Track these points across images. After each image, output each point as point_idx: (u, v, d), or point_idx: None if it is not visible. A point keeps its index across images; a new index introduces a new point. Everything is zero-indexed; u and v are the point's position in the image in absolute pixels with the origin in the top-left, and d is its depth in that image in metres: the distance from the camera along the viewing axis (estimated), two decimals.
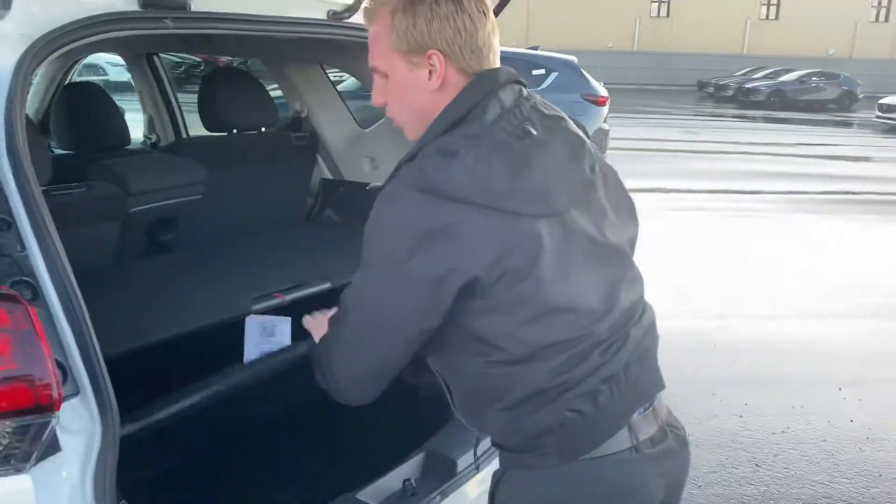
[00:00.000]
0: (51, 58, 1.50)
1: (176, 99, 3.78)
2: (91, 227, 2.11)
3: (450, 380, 1.40)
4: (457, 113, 1.27)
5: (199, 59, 9.51)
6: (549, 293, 1.25)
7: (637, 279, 1.42)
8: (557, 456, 1.30)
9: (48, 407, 1.13)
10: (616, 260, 1.38)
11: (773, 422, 3.96)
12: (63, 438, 1.23)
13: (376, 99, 1.39)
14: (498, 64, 1.35)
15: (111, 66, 8.11)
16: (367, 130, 2.95)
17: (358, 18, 2.17)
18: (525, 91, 1.36)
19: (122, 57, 4.01)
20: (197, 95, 2.62)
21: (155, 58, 3.72)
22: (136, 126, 3.86)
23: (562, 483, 1.32)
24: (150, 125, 3.79)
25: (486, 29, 1.30)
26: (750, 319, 5.51)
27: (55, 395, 1.12)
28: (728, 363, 4.69)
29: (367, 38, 1.37)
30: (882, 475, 3.49)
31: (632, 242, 1.45)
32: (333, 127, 3.00)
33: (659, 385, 1.41)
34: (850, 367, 4.72)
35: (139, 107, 3.97)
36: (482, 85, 1.29)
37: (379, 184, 1.29)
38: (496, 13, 1.95)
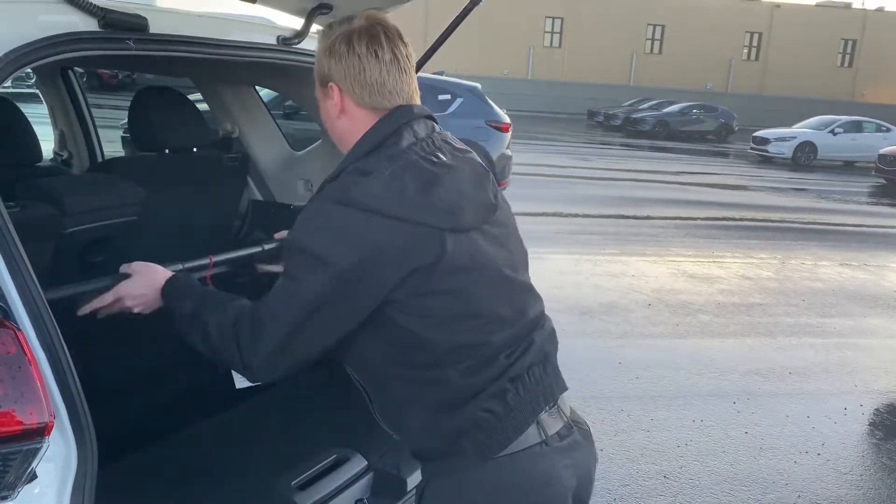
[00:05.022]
0: (10, 78, 1.47)
1: (91, 115, 3.64)
2: (24, 247, 2.02)
3: (370, 388, 1.50)
4: (374, 139, 1.42)
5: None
6: (456, 301, 1.40)
7: (535, 292, 1.58)
8: (478, 455, 1.42)
9: (37, 432, 1.10)
10: (521, 274, 1.55)
11: (677, 435, 4.21)
12: (38, 466, 1.20)
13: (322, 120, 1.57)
14: (414, 101, 1.50)
15: None
16: (300, 153, 2.96)
17: (305, 44, 2.21)
18: (437, 127, 1.53)
19: (32, 69, 3.83)
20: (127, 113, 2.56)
21: (70, 72, 3.58)
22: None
23: (486, 483, 1.43)
24: (62, 141, 3.63)
25: (376, 69, 1.43)
26: (650, 338, 5.82)
27: (46, 419, 1.10)
28: (632, 380, 4.94)
29: (311, 63, 1.52)
30: (775, 482, 3.78)
31: (526, 261, 1.61)
32: (265, 148, 2.99)
33: (562, 387, 1.56)
34: (741, 382, 5.08)
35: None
36: (396, 117, 1.45)
37: (302, 204, 1.43)
38: (423, 62, 2.10)
